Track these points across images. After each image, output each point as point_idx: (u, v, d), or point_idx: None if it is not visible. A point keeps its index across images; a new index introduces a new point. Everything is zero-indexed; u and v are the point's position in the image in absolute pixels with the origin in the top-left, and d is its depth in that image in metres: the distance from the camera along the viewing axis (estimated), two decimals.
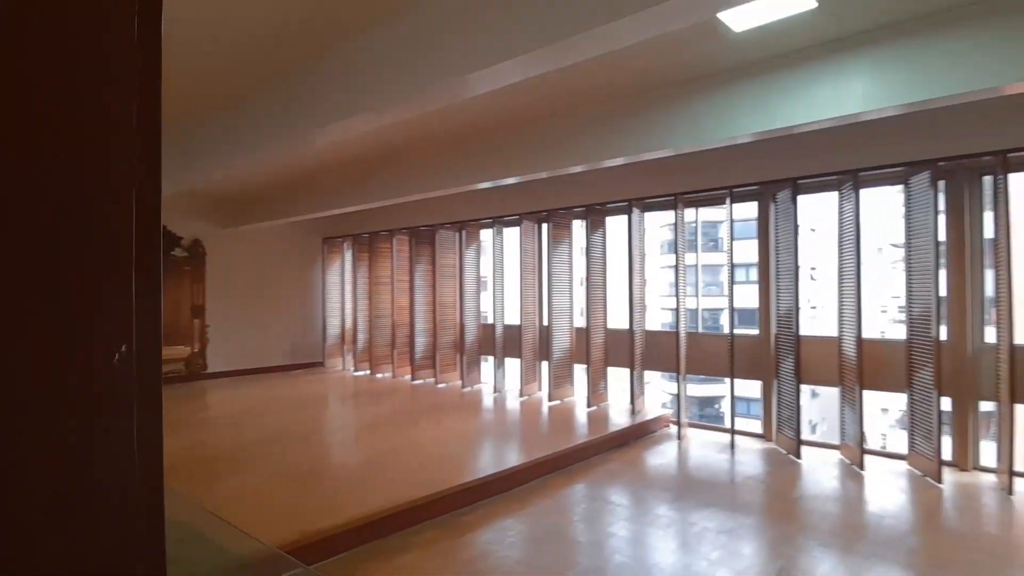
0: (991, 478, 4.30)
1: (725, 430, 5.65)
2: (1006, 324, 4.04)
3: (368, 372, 8.84)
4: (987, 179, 4.45)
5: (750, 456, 5.04)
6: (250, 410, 6.67)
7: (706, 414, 22.26)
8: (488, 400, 6.99)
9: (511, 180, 5.78)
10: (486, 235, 7.63)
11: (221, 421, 6.34)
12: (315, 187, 7.39)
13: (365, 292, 8.89)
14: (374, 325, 8.71)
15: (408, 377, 8.23)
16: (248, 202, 8.37)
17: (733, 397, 5.32)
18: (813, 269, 22.25)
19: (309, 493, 3.91)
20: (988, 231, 4.48)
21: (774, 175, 5.13)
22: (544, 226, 6.93)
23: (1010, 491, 3.94)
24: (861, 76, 3.65)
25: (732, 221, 5.30)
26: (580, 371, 6.75)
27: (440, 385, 7.85)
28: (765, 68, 4.02)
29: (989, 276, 4.48)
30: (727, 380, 5.45)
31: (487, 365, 7.73)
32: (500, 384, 7.30)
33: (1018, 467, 4.12)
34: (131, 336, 0.49)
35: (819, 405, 20.66)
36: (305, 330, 9.71)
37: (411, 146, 6.09)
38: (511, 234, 7.24)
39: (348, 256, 9.35)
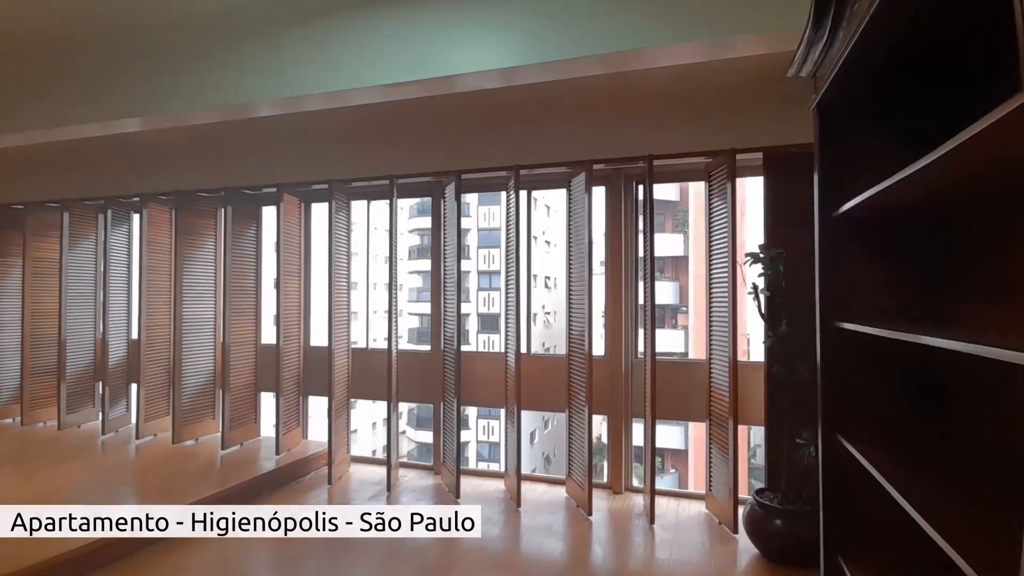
0: (639, 502, 4.09)
1: (379, 462, 4.79)
2: (650, 338, 3.81)
3: None
4: (640, 187, 4.29)
5: (408, 499, 4.22)
6: None
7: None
8: (90, 446, 5.14)
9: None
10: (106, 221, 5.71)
11: None
12: None
13: None
14: None
15: None
16: None
17: (390, 423, 4.46)
18: (548, 278, 23.48)
19: None
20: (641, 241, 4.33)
21: (441, 166, 4.42)
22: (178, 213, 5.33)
23: (651, 519, 3.69)
24: (508, 28, 3.07)
25: (395, 216, 4.44)
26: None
27: (39, 425, 5.69)
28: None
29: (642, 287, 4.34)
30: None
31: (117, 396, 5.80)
32: (118, 421, 5.48)
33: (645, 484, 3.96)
34: None
35: (553, 436, 20.21)
36: None
37: None
38: (138, 222, 5.49)
39: None
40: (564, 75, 3.27)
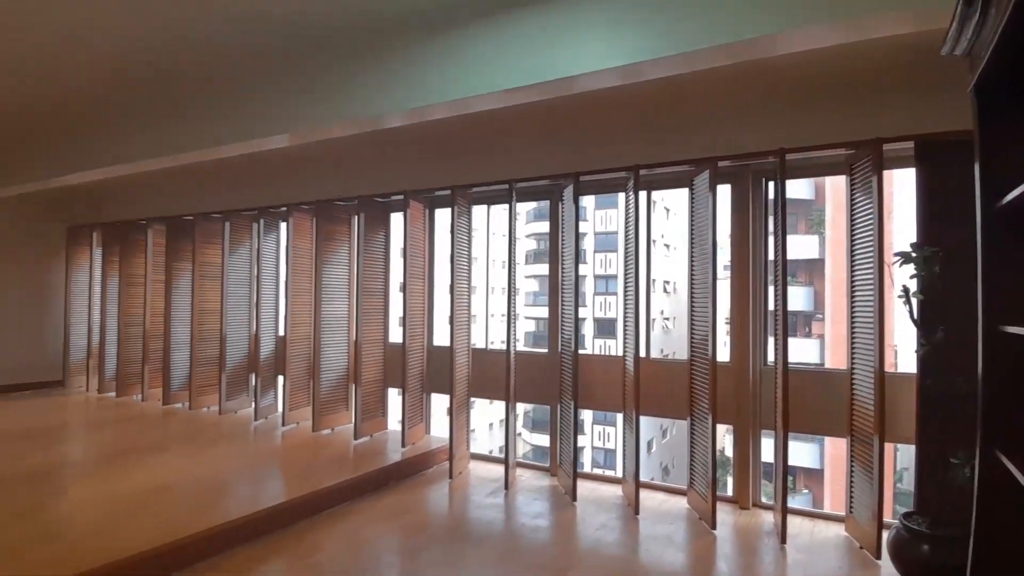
0: (769, 519, 3.84)
1: (497, 460, 4.89)
2: (781, 346, 3.58)
3: (115, 394, 7.15)
4: (771, 184, 4.05)
5: (524, 498, 4.27)
6: None
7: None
8: (244, 431, 5.73)
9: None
10: (258, 230, 6.36)
11: None
12: (14, 150, 5.71)
13: (116, 296, 7.21)
14: (125, 336, 7.07)
15: (161, 401, 6.69)
16: None
17: (508, 423, 4.54)
18: (667, 282, 22.82)
19: None
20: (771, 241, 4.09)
21: (559, 168, 4.46)
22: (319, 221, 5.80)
23: (783, 538, 3.44)
24: (628, 24, 3.03)
25: (513, 220, 4.53)
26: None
27: (203, 410, 6.44)
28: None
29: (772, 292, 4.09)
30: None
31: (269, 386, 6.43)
32: (267, 409, 6.07)
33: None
34: None
35: (671, 447, 20.12)
36: (40, 342, 7.75)
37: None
38: (284, 230, 6.06)
39: (99, 251, 7.59)
40: (688, 68, 3.16)
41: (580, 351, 4.30)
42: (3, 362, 7.38)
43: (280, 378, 6.06)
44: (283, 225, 6.17)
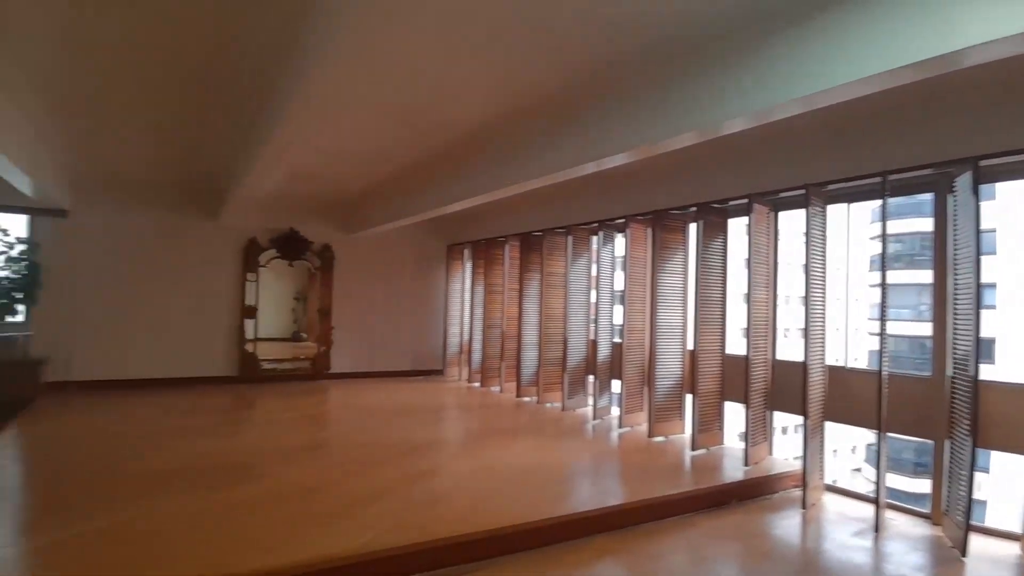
0: None
1: (860, 497, 4.21)
2: None
3: (479, 384, 8.45)
4: None
5: (898, 546, 3.61)
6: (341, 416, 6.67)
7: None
8: (583, 428, 6.15)
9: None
10: (597, 241, 6.80)
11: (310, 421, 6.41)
12: (416, 187, 7.16)
13: (481, 302, 8.53)
14: (487, 336, 8.31)
15: (514, 394, 7.66)
16: (365, 207, 8.38)
17: (880, 455, 3.89)
18: None
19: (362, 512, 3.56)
20: None
21: (947, 154, 3.67)
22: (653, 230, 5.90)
23: None
24: None
25: (885, 219, 3.90)
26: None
27: (548, 405, 7.15)
28: None
29: None
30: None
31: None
32: (603, 410, 6.41)
33: None
34: None
35: None
36: (428, 337, 9.65)
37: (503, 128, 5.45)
38: (622, 241, 6.34)
39: (469, 264, 9.11)
40: None
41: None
42: (403, 352, 9.43)
43: (615, 382, 6.34)
44: (619, 236, 6.47)
